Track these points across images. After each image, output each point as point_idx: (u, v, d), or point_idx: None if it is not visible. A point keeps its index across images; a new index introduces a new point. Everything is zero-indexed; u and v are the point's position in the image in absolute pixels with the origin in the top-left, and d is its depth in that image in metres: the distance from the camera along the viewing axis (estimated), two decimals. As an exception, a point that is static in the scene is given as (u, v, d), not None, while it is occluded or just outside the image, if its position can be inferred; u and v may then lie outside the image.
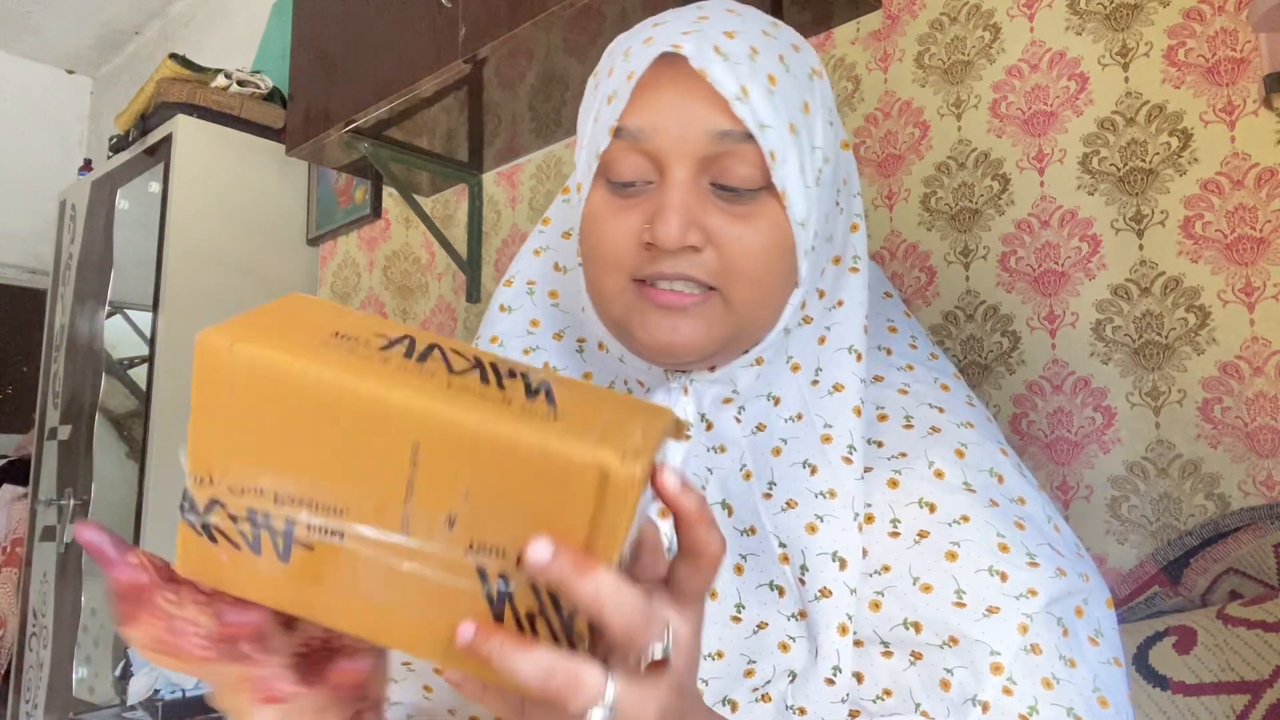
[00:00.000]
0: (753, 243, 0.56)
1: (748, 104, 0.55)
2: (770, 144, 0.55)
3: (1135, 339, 1.19)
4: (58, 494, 2.70)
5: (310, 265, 2.68)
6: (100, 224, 2.75)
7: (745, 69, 0.55)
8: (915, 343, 0.69)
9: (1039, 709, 0.52)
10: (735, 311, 0.58)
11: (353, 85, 1.87)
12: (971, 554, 0.55)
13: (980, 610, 0.53)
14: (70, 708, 2.46)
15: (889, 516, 0.58)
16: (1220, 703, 0.89)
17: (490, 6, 1.55)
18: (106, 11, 3.63)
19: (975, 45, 1.38)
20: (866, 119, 1.50)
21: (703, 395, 0.63)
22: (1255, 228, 1.11)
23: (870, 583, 0.57)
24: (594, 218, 0.59)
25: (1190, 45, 1.18)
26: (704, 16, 0.59)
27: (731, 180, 0.56)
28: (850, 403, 0.60)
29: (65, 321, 2.85)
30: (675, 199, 0.55)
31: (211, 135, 2.51)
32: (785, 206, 0.57)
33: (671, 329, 0.57)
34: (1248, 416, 1.09)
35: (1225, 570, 1.03)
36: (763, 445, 0.62)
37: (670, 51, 0.56)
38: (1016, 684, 0.52)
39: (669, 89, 0.56)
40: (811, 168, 0.58)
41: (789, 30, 0.63)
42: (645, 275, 0.57)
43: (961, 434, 0.61)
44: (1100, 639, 0.57)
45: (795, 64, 0.59)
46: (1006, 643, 0.53)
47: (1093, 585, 0.58)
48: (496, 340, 0.73)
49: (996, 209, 1.33)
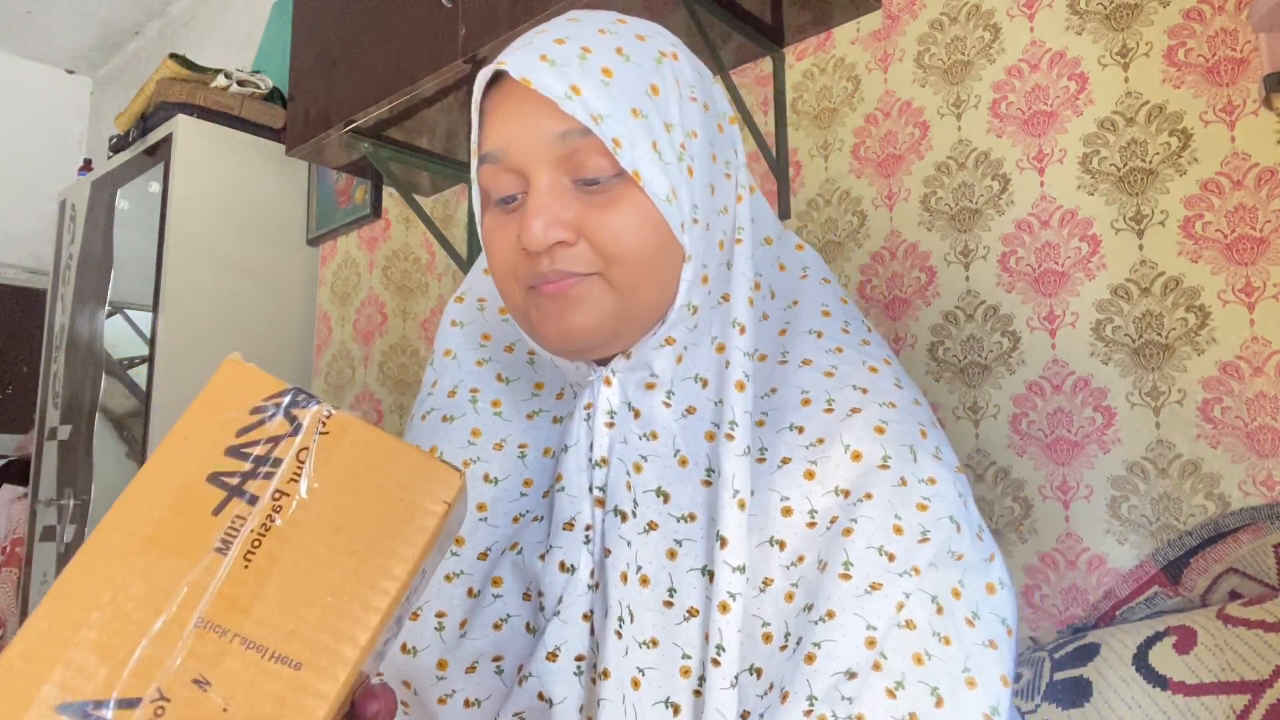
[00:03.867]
0: (618, 226, 0.59)
1: (578, 100, 0.58)
2: (611, 132, 0.58)
3: (1135, 339, 1.19)
4: (58, 494, 2.69)
5: (310, 265, 2.69)
6: (100, 224, 2.74)
7: (575, 69, 0.59)
8: (848, 327, 0.70)
9: (905, 684, 0.54)
10: (618, 290, 0.60)
11: (353, 85, 1.87)
12: (865, 530, 0.57)
13: (864, 586, 0.55)
14: (70, 708, 2.46)
15: (807, 508, 0.59)
16: (1220, 703, 0.89)
17: (490, 6, 1.55)
18: (106, 11, 3.64)
19: (975, 45, 1.38)
20: (866, 119, 1.50)
21: (625, 384, 0.65)
22: (1255, 228, 1.11)
23: (788, 575, 0.58)
24: (487, 238, 0.64)
25: (1190, 45, 1.18)
26: (543, 30, 0.63)
27: (587, 173, 0.59)
28: (733, 378, 0.62)
29: (65, 321, 2.85)
30: (534, 203, 0.59)
31: (211, 135, 2.51)
32: (643, 186, 0.59)
33: (559, 317, 0.60)
34: (1248, 416, 1.09)
35: (1225, 570, 1.03)
36: (694, 429, 0.63)
37: (500, 70, 0.60)
38: (887, 659, 0.54)
39: (508, 107, 0.60)
40: (670, 145, 0.61)
41: (640, 23, 0.65)
42: (533, 281, 0.61)
43: (883, 413, 0.61)
44: (977, 621, 0.57)
45: (638, 52, 0.62)
46: (882, 619, 0.54)
47: (978, 567, 0.59)
48: (450, 354, 0.76)
49: (996, 209, 1.33)
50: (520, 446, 0.71)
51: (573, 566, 0.62)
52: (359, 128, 1.91)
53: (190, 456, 0.42)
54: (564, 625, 0.61)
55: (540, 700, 0.59)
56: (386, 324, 2.42)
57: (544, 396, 0.73)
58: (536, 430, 0.71)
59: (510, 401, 0.73)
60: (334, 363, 2.57)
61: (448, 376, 0.75)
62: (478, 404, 0.73)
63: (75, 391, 2.72)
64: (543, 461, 0.69)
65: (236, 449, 0.43)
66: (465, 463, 0.70)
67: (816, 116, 1.56)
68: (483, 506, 0.69)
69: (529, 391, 0.73)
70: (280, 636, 0.40)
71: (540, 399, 0.73)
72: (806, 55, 1.59)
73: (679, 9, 1.42)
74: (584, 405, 0.66)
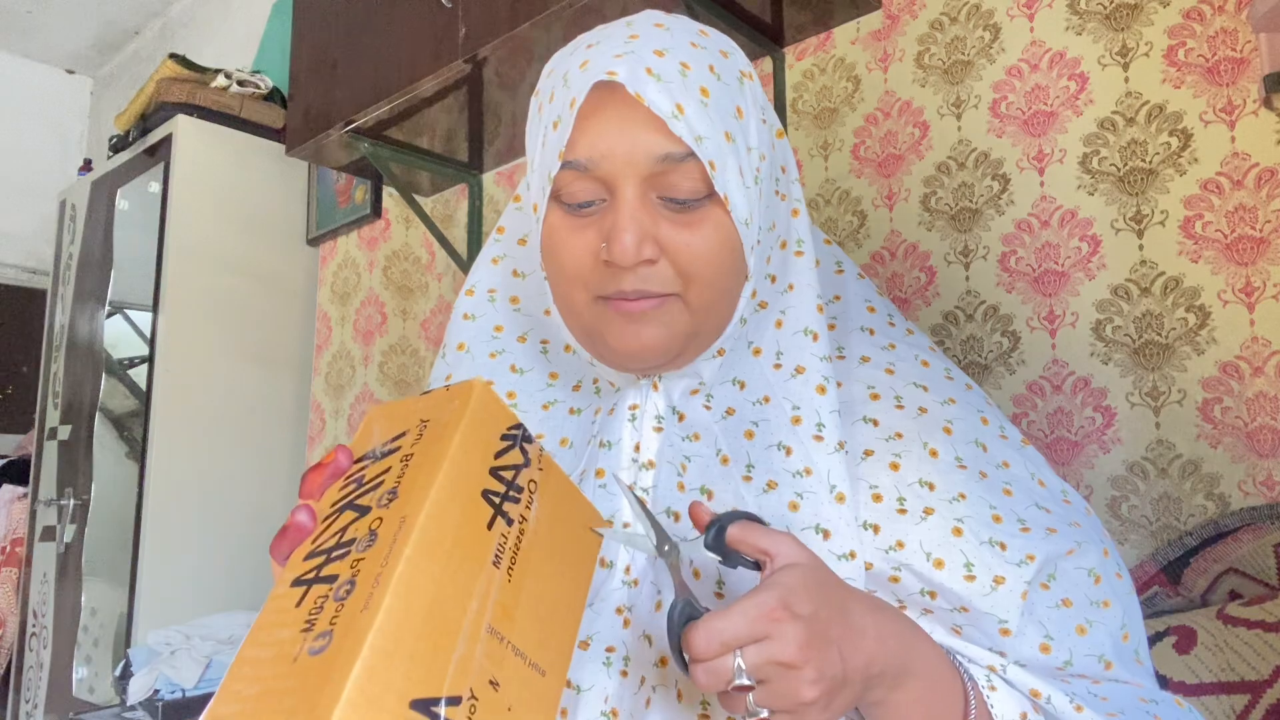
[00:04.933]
0: (703, 248, 0.60)
1: (684, 120, 0.58)
2: (709, 154, 0.59)
3: (1135, 339, 1.19)
4: (58, 494, 2.69)
5: (310, 265, 2.69)
6: (100, 224, 2.74)
7: (678, 86, 0.59)
8: (893, 320, 0.74)
9: (1073, 661, 0.59)
10: (694, 312, 0.62)
11: (353, 85, 1.87)
12: (973, 529, 0.60)
13: (989, 582, 0.58)
14: (70, 708, 2.46)
15: (895, 495, 0.61)
16: (1220, 703, 0.89)
17: (490, 6, 1.55)
18: (106, 11, 3.64)
19: (975, 45, 1.38)
20: (866, 119, 1.50)
21: (672, 389, 0.67)
22: (1255, 228, 1.11)
23: (886, 559, 0.60)
24: (553, 237, 0.63)
25: (1190, 45, 1.18)
26: (634, 35, 0.61)
27: (678, 194, 0.59)
28: (813, 383, 0.64)
29: (65, 321, 2.85)
30: (625, 216, 0.59)
31: (211, 135, 2.51)
32: (729, 210, 0.60)
33: (635, 334, 0.61)
34: (1248, 416, 1.09)
35: (1225, 570, 1.03)
36: (734, 429, 0.65)
37: (605, 79, 0.59)
38: (1019, 628, 0.59)
39: (608, 116, 0.59)
40: (750, 168, 0.62)
41: (716, 36, 0.65)
42: (608, 294, 0.61)
43: (946, 411, 0.65)
44: (1102, 578, 0.61)
45: (725, 71, 0.63)
46: (1012, 611, 0.58)
47: (1083, 530, 0.63)
48: (463, 347, 0.76)
49: (996, 209, 1.33)
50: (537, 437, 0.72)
51: (611, 562, 0.64)
52: (359, 128, 1.91)
53: (470, 471, 0.47)
54: (597, 617, 0.62)
55: (568, 686, 0.60)
56: (386, 324, 2.42)
57: (559, 388, 0.74)
58: (552, 421, 0.72)
59: (525, 393, 0.74)
60: (334, 363, 2.57)
61: (461, 370, 0.76)
62: None
63: (75, 391, 2.72)
64: (560, 451, 0.70)
65: (496, 470, 0.48)
66: None
67: (816, 116, 1.56)
68: None
69: (544, 383, 0.74)
70: (534, 645, 0.45)
71: (555, 390, 0.74)
72: (806, 55, 1.59)
73: (679, 9, 1.42)
74: (629, 406, 0.68)
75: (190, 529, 2.37)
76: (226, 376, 2.48)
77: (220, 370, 2.47)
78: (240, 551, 2.44)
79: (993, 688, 0.57)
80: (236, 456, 2.49)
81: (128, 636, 2.29)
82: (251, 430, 2.52)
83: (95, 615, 2.55)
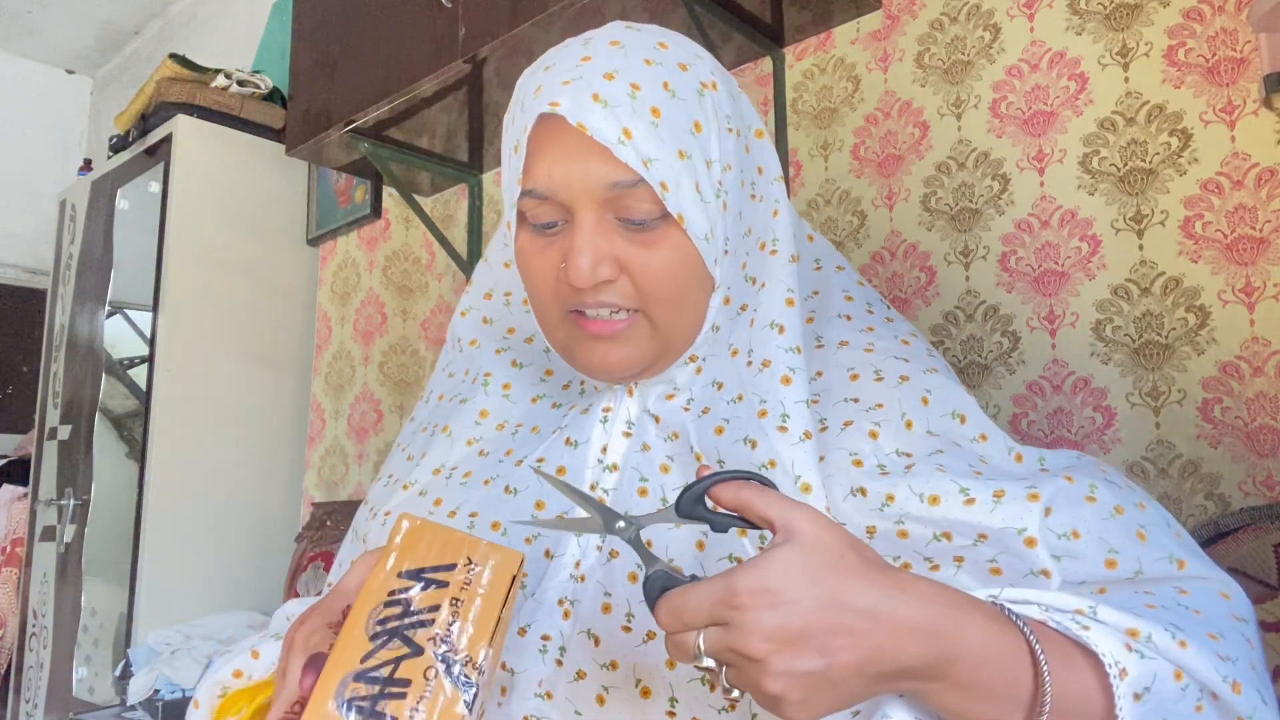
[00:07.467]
0: (660, 268, 0.62)
1: (630, 145, 0.59)
2: (659, 176, 0.60)
3: (1135, 339, 1.19)
4: (58, 494, 2.69)
5: (310, 265, 2.69)
6: (100, 224, 2.74)
7: (625, 110, 0.59)
8: (872, 308, 0.75)
9: (1079, 533, 0.57)
10: (658, 327, 0.64)
11: (353, 85, 1.87)
12: (956, 464, 0.60)
13: (989, 499, 0.57)
14: (70, 708, 2.46)
15: (875, 461, 0.61)
16: (1220, 703, 0.88)
17: (490, 6, 1.55)
18: (106, 11, 3.63)
19: (975, 45, 1.38)
20: (866, 119, 1.50)
21: (647, 395, 0.70)
22: (1255, 228, 1.11)
23: (883, 516, 0.59)
24: (523, 256, 0.66)
25: (1190, 45, 1.18)
26: (587, 57, 0.62)
27: (634, 215, 0.61)
28: (778, 374, 0.64)
29: (65, 321, 2.85)
30: (581, 241, 0.61)
31: (211, 135, 2.51)
32: (685, 228, 0.61)
33: (604, 354, 0.64)
34: (1248, 416, 1.09)
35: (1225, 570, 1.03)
36: (706, 426, 0.66)
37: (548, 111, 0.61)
38: (1043, 536, 0.56)
39: (559, 146, 0.61)
40: (710, 183, 0.63)
41: (678, 47, 0.66)
42: (574, 307, 0.64)
43: (927, 380, 0.66)
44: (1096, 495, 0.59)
45: (682, 86, 0.63)
46: (1027, 517, 0.56)
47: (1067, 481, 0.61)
48: (475, 343, 0.81)
49: (996, 209, 1.33)
50: (518, 426, 0.75)
51: (558, 555, 0.65)
52: (359, 128, 1.91)
53: None
54: (538, 606, 0.63)
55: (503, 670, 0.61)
56: (386, 324, 2.42)
57: (550, 383, 0.77)
58: (536, 411, 0.76)
59: (519, 385, 0.78)
60: (334, 363, 2.57)
61: (473, 363, 0.81)
62: (489, 387, 0.77)
63: (75, 391, 2.72)
64: (529, 437, 0.73)
65: None
66: (469, 441, 0.74)
67: (816, 116, 1.56)
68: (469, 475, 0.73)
69: (538, 377, 0.78)
70: None
71: (547, 385, 0.77)
72: (806, 55, 1.59)
73: (679, 9, 1.42)
74: (602, 408, 0.70)
75: (190, 529, 2.37)
76: (226, 376, 2.48)
77: (220, 370, 2.47)
78: (240, 551, 2.44)
79: (1086, 628, 0.50)
80: (236, 456, 2.49)
81: (128, 636, 2.29)
82: (251, 430, 2.52)
83: (95, 615, 2.55)
